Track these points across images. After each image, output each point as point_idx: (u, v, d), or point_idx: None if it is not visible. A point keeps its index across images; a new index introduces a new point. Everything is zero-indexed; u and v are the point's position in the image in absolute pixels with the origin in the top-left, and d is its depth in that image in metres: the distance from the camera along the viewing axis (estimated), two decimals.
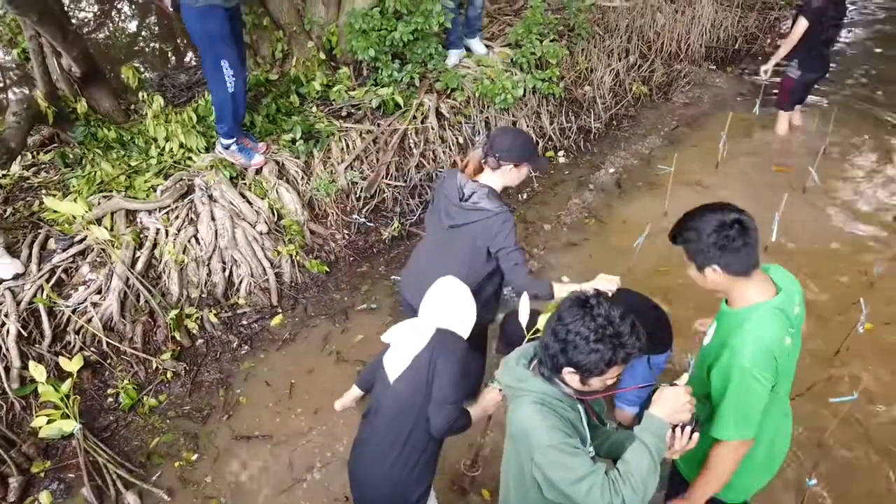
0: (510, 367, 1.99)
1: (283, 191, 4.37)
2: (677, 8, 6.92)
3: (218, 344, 3.90)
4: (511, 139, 2.73)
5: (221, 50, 3.75)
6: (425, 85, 5.20)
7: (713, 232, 1.89)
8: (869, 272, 4.19)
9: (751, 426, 1.97)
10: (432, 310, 2.41)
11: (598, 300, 1.79)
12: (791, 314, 1.99)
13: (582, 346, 1.74)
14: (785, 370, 2.01)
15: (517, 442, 1.89)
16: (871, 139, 5.59)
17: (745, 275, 1.94)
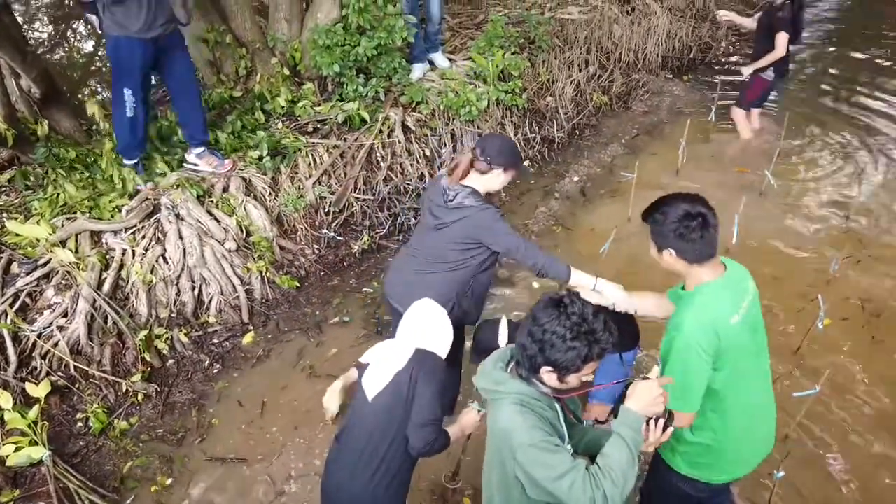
0: (487, 372, 2.02)
1: (250, 207, 4.36)
2: (633, 19, 7.11)
3: (189, 364, 3.86)
4: (500, 144, 2.86)
5: (126, 79, 3.87)
6: (390, 99, 5.25)
7: (676, 220, 2.03)
8: (825, 269, 4.35)
9: (687, 399, 2.06)
10: (410, 331, 2.46)
11: (571, 299, 1.86)
12: (740, 298, 2.11)
13: (559, 345, 1.80)
14: (737, 350, 2.08)
15: (499, 444, 1.92)
16: (823, 140, 5.82)
17: (697, 263, 2.08)
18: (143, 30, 3.72)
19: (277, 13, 5.16)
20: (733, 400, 2.16)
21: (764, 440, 2.36)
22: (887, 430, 3.40)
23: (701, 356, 2.01)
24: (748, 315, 2.12)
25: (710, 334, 2.01)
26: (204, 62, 5.02)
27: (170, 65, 4.01)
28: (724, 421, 2.19)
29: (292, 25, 5.19)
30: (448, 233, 2.80)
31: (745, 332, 2.12)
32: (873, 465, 3.25)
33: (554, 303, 1.86)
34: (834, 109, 6.33)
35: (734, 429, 2.21)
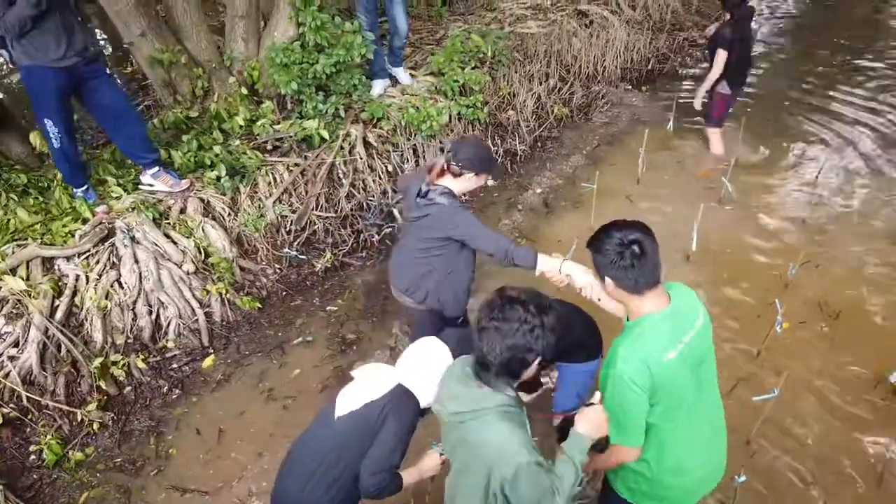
0: (460, 394, 1.99)
1: (209, 228, 4.29)
2: (592, 32, 7.22)
3: (147, 390, 3.77)
4: (472, 150, 2.96)
5: (45, 110, 3.79)
6: (351, 115, 5.24)
7: (611, 249, 1.99)
8: (784, 274, 4.42)
9: (627, 434, 2.04)
10: (404, 363, 2.43)
11: (517, 291, 1.94)
12: (682, 331, 2.04)
13: (540, 334, 1.89)
14: (673, 386, 2.02)
15: (483, 459, 1.91)
16: (780, 147, 5.94)
17: (637, 293, 2.02)
18: (58, 58, 3.66)
19: (234, 32, 5.12)
20: (669, 434, 2.11)
21: (709, 472, 2.30)
22: (847, 430, 3.45)
23: (635, 391, 1.96)
24: (690, 349, 2.05)
25: (643, 370, 1.96)
26: (160, 83, 4.96)
27: (92, 94, 3.93)
28: (660, 454, 2.15)
29: (249, 44, 5.16)
30: (420, 225, 2.95)
31: (684, 367, 2.04)
32: (834, 465, 3.29)
33: (510, 300, 1.89)
34: (789, 117, 6.47)
35: (670, 462, 2.17)
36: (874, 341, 3.94)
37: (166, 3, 4.89)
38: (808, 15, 9.18)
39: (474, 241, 2.91)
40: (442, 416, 2.08)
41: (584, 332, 3.05)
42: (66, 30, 3.64)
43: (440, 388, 2.14)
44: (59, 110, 3.80)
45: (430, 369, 2.35)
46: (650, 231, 2.03)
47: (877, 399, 3.62)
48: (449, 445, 2.11)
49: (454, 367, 2.13)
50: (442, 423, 2.13)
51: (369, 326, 4.17)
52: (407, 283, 3.11)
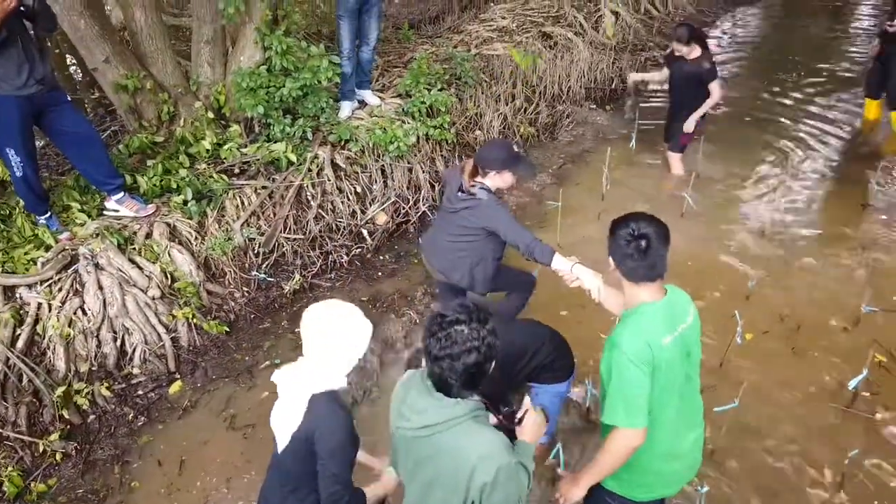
0: (427, 406, 1.97)
1: (175, 253, 4.27)
2: (556, 53, 7.38)
3: (112, 418, 3.71)
4: (490, 151, 3.38)
5: (6, 139, 3.77)
6: (319, 138, 5.27)
7: (623, 238, 2.15)
8: (745, 286, 4.52)
9: (637, 413, 2.11)
10: (309, 356, 2.15)
11: (467, 304, 1.99)
12: (676, 321, 2.19)
13: (493, 342, 1.95)
14: (666, 370, 2.15)
15: (453, 471, 1.91)
16: (739, 162, 6.10)
17: (632, 281, 2.18)
18: (19, 87, 3.64)
19: (200, 57, 5.14)
20: (658, 420, 2.21)
21: (688, 464, 2.40)
22: (808, 439, 3.52)
23: (639, 368, 2.08)
24: (682, 339, 2.19)
25: (644, 349, 2.09)
26: (125, 109, 4.95)
27: (54, 122, 3.92)
28: (651, 439, 2.21)
29: (216, 69, 5.18)
30: (460, 215, 3.35)
31: (677, 354, 2.17)
32: (796, 473, 3.35)
33: (452, 322, 1.92)
34: (749, 131, 6.67)
35: (656, 448, 2.25)
36: (835, 350, 4.04)
37: (131, 28, 4.89)
38: (769, 36, 9.49)
39: (505, 234, 3.24)
40: (404, 433, 2.05)
41: (555, 352, 3.08)
42: (27, 58, 3.63)
43: (399, 405, 2.09)
44: (22, 139, 3.78)
45: (334, 348, 2.09)
46: (666, 232, 2.17)
47: (838, 407, 3.71)
48: (411, 463, 2.08)
49: (412, 381, 2.10)
50: (401, 441, 2.10)
51: None
52: (444, 264, 3.54)
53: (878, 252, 4.92)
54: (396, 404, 2.11)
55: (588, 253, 3.50)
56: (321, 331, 2.09)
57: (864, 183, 5.82)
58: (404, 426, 2.02)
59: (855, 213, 5.42)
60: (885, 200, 5.55)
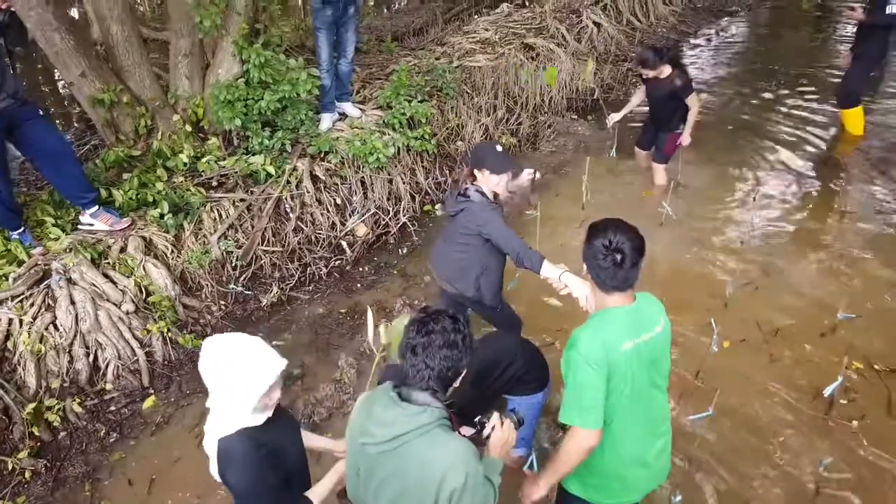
0: (394, 417, 1.95)
1: (150, 267, 4.24)
2: (538, 64, 7.41)
3: (83, 435, 3.67)
4: (480, 150, 3.36)
5: None
6: (298, 150, 5.26)
7: (597, 245, 2.16)
8: (722, 295, 4.53)
9: (590, 414, 2.12)
10: (208, 378, 2.03)
11: (437, 312, 2.01)
12: (640, 329, 2.19)
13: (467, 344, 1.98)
14: (624, 376, 2.16)
15: (422, 481, 1.90)
16: (717, 172, 6.13)
17: (603, 290, 2.20)
18: None
19: (178, 70, 5.14)
20: (619, 425, 2.22)
21: (654, 472, 2.40)
22: (784, 446, 3.51)
23: (593, 369, 2.09)
24: (647, 347, 2.19)
25: (599, 351, 2.11)
26: (101, 123, 4.93)
27: (27, 136, 3.90)
28: (609, 443, 2.24)
29: (194, 82, 5.17)
30: (456, 220, 3.34)
31: (637, 361, 2.18)
32: (771, 480, 3.33)
33: (433, 316, 1.98)
34: (729, 140, 6.71)
35: (622, 453, 2.27)
36: (812, 358, 4.04)
37: (107, 42, 4.89)
38: (752, 46, 9.58)
39: (496, 239, 3.20)
40: (368, 450, 2.00)
41: (528, 364, 3.06)
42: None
43: (362, 422, 2.05)
44: None
45: (230, 385, 1.98)
46: (641, 244, 2.17)
47: (814, 414, 3.70)
48: (375, 482, 2.02)
49: (374, 398, 2.07)
50: (363, 461, 2.04)
51: (314, 360, 4.14)
52: (450, 274, 3.47)
53: (855, 259, 4.94)
54: (359, 422, 2.07)
55: (566, 261, 3.49)
56: (215, 369, 1.99)
57: (843, 190, 5.85)
58: (370, 442, 1.99)
59: (834, 220, 5.45)
60: (864, 208, 5.58)
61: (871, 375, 3.95)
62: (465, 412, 2.36)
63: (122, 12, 4.77)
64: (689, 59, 8.96)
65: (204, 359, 2.01)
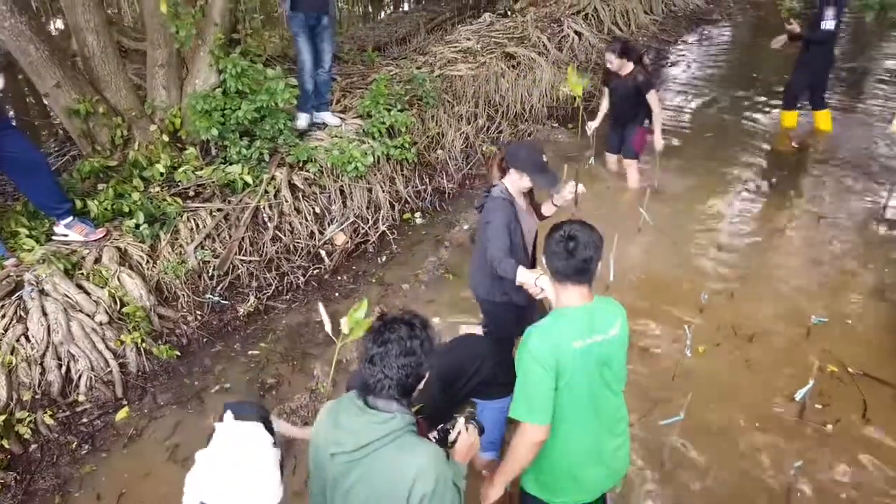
0: (361, 425, 1.94)
1: (125, 277, 4.22)
2: (519, 73, 7.46)
3: (55, 447, 3.63)
4: (518, 150, 3.32)
5: None
6: (276, 159, 5.26)
7: (555, 237, 2.25)
8: (699, 300, 4.55)
9: (537, 410, 2.18)
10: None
11: (396, 317, 2.00)
12: (594, 330, 2.22)
13: (428, 350, 1.97)
14: (575, 375, 2.20)
15: (391, 488, 1.89)
16: (694, 177, 6.18)
17: (558, 281, 2.25)
18: None
19: (155, 81, 5.14)
20: (570, 424, 2.27)
21: (608, 472, 2.43)
22: (756, 450, 3.52)
23: (542, 368, 2.15)
24: (599, 348, 2.23)
25: (550, 349, 2.16)
26: (77, 133, 4.92)
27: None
28: (561, 442, 2.29)
29: (171, 92, 5.17)
30: (481, 217, 3.32)
31: (589, 361, 2.22)
32: (743, 486, 3.34)
33: (392, 321, 1.97)
34: (706, 148, 6.76)
35: (573, 450, 2.32)
36: (787, 361, 4.07)
37: (83, 53, 4.89)
38: (731, 54, 9.67)
39: (485, 237, 3.19)
40: (337, 459, 1.98)
41: (497, 367, 3.06)
42: None
43: (325, 431, 2.03)
44: None
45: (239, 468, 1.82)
46: (597, 240, 2.24)
47: (788, 418, 3.72)
48: (340, 494, 2.00)
49: (340, 407, 2.05)
50: (330, 470, 2.01)
51: (290, 370, 4.13)
52: (472, 280, 3.47)
53: (830, 264, 4.99)
54: (325, 432, 2.04)
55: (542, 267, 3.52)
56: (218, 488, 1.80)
57: (819, 196, 5.91)
58: (339, 451, 1.97)
59: (810, 225, 5.49)
60: (838, 213, 5.64)
61: (847, 379, 3.97)
62: (435, 417, 2.36)
63: (98, 23, 4.78)
64: (669, 67, 9.04)
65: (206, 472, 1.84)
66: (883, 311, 4.53)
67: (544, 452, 2.29)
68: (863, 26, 10.54)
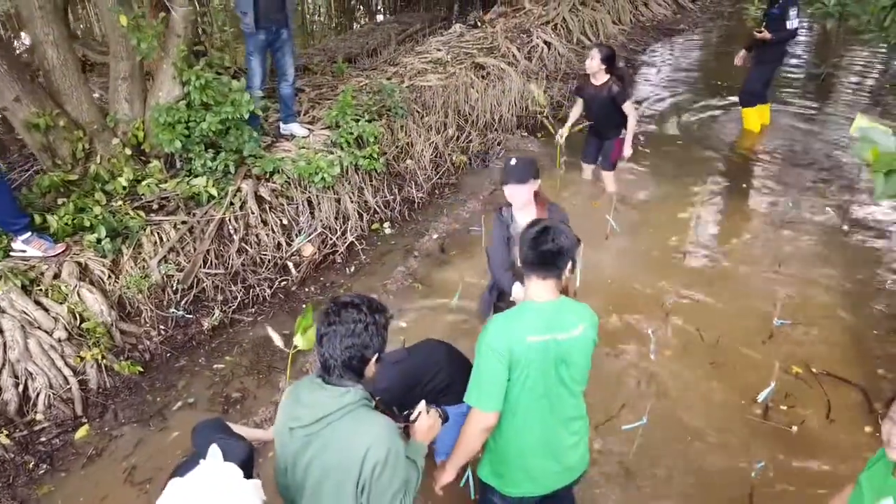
0: (317, 399, 2.00)
1: (85, 292, 4.14)
2: (489, 83, 7.50)
3: (11, 468, 3.54)
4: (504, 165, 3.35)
5: None
6: (242, 171, 5.22)
7: (526, 231, 2.34)
8: (665, 305, 4.58)
9: (487, 397, 2.26)
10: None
11: (348, 300, 2.03)
12: (553, 327, 2.27)
13: (374, 331, 2.02)
14: (528, 368, 2.26)
15: (346, 456, 1.94)
16: (661, 184, 6.25)
17: (529, 273, 2.31)
18: None
19: (117, 94, 5.08)
20: (524, 416, 2.33)
21: (564, 466, 2.46)
22: (719, 453, 3.55)
23: (494, 357, 2.22)
24: (558, 346, 2.27)
25: (504, 340, 2.23)
26: (38, 147, 4.83)
27: None
28: (513, 432, 2.36)
29: (134, 105, 5.11)
30: None
31: (545, 357, 2.26)
32: (707, 489, 3.36)
33: (343, 304, 2.01)
34: (672, 156, 6.84)
35: (522, 443, 2.38)
36: (751, 365, 4.11)
37: (43, 66, 4.81)
38: (699, 61, 9.82)
39: (488, 254, 3.42)
40: (297, 433, 2.01)
41: (454, 374, 3.06)
42: None
43: (288, 408, 2.09)
44: None
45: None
46: (570, 238, 2.30)
47: (753, 419, 3.75)
48: (302, 466, 2.03)
49: (300, 385, 2.12)
50: (292, 445, 2.03)
51: (255, 383, 4.08)
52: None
53: (792, 267, 5.06)
54: (287, 409, 2.11)
55: None
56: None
57: (783, 200, 6.00)
58: (297, 426, 2.03)
59: (773, 230, 5.57)
60: (801, 217, 5.73)
61: (811, 381, 4.02)
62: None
63: (57, 36, 4.70)
64: (638, 76, 9.15)
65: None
66: (846, 313, 4.60)
67: (497, 441, 2.37)
68: (827, 33, 10.77)
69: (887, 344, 4.34)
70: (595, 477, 3.32)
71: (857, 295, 4.79)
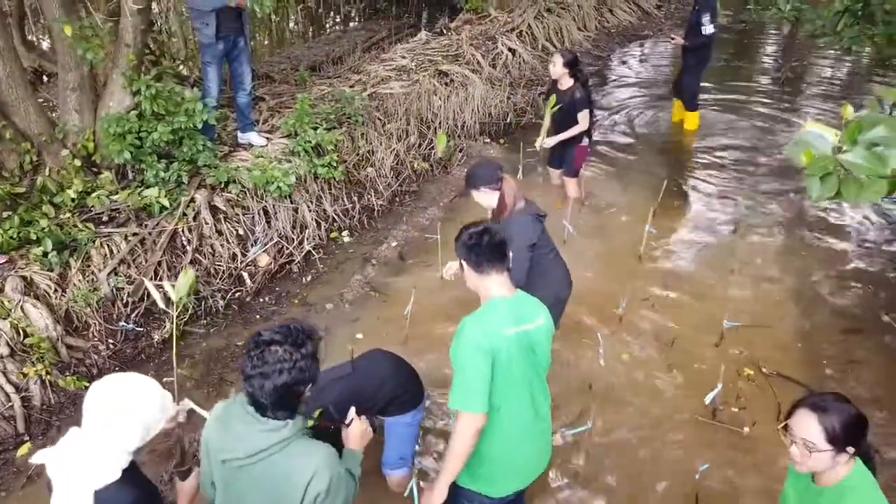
0: (252, 432, 1.94)
1: (29, 307, 4.06)
2: (451, 90, 7.51)
3: None
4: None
5: None
6: (196, 181, 5.16)
7: (465, 235, 2.41)
8: (617, 309, 4.60)
9: (474, 397, 2.24)
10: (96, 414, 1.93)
11: (269, 337, 1.96)
12: (522, 319, 2.36)
13: (307, 365, 1.96)
14: (508, 360, 2.30)
15: (286, 491, 1.92)
16: (619, 189, 6.29)
17: (481, 272, 2.38)
18: None
19: (66, 104, 5.01)
20: (508, 410, 2.35)
21: (537, 453, 2.52)
22: (668, 455, 3.57)
23: (481, 356, 2.24)
24: (528, 336, 2.36)
25: (485, 336, 2.26)
26: None
27: None
28: (501, 428, 2.35)
29: (84, 116, 5.04)
30: None
31: (520, 348, 2.33)
32: (652, 491, 3.37)
33: (266, 343, 1.94)
34: (634, 160, 6.91)
35: (508, 437, 2.38)
36: (704, 368, 4.14)
37: None
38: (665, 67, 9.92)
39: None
40: (230, 465, 1.97)
41: (401, 383, 3.06)
42: None
43: (216, 436, 2.02)
44: None
45: (125, 423, 1.89)
46: (500, 232, 2.41)
47: (703, 421, 3.78)
48: (234, 496, 2.01)
49: (230, 412, 2.03)
50: (222, 474, 2.00)
51: (204, 396, 4.02)
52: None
53: (748, 269, 5.12)
54: (216, 437, 2.03)
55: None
56: (110, 406, 1.90)
57: (739, 203, 6.08)
58: (230, 458, 1.98)
59: (730, 233, 5.64)
60: (753, 220, 5.80)
61: (763, 382, 4.06)
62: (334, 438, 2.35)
63: (3, 47, 4.63)
64: (602, 83, 9.22)
65: (98, 391, 1.94)
66: (798, 314, 4.67)
67: (481, 444, 2.32)
68: (788, 36, 10.96)
69: (836, 344, 4.40)
70: (541, 480, 3.31)
71: (811, 296, 4.85)
